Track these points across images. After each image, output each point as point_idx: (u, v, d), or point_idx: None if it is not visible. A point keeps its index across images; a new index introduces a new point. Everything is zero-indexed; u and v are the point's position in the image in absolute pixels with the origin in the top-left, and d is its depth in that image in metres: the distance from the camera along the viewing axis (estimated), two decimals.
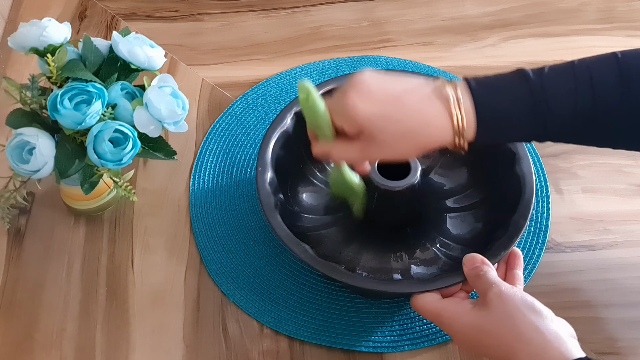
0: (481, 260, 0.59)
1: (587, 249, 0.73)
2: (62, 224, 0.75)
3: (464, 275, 0.60)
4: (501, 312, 0.54)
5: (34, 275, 0.71)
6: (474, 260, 0.59)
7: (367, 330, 0.67)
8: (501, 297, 0.54)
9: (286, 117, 0.72)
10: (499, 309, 0.54)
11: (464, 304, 0.57)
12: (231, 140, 0.82)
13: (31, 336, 0.67)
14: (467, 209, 0.73)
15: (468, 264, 0.59)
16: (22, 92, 0.63)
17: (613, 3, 0.98)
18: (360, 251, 0.71)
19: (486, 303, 0.55)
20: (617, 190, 0.78)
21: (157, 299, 0.70)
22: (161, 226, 0.75)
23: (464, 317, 0.56)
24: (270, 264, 0.72)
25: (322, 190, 0.76)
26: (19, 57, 0.90)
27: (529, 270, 0.71)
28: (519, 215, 0.65)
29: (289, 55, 0.91)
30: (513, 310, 0.53)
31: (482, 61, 0.91)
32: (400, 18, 0.96)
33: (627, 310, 0.69)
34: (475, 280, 0.58)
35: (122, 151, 0.62)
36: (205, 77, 0.89)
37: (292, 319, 0.68)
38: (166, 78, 0.66)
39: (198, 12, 0.97)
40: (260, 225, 0.75)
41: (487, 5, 0.98)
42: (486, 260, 0.59)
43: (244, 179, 0.79)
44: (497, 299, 0.54)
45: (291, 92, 0.86)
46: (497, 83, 0.56)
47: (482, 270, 0.58)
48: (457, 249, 0.71)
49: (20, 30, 0.63)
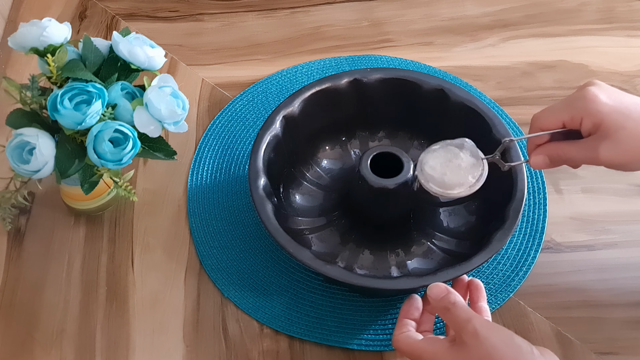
0: (446, 289, 0.56)
1: (586, 249, 0.73)
2: (62, 224, 0.75)
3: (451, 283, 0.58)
4: (479, 353, 0.51)
5: (34, 275, 0.71)
6: (439, 291, 0.56)
7: (363, 327, 0.67)
8: (477, 337, 0.51)
9: (275, 121, 0.71)
10: (476, 351, 0.51)
11: (441, 343, 0.54)
12: (230, 137, 0.82)
13: (31, 336, 0.67)
14: (460, 202, 0.74)
15: (434, 296, 0.56)
16: (22, 92, 0.63)
17: (613, 3, 0.98)
18: (356, 250, 0.71)
19: (463, 343, 0.52)
20: (617, 190, 0.78)
21: (157, 298, 0.70)
22: (161, 226, 0.75)
23: (442, 357, 0.53)
24: (265, 260, 0.72)
25: (314, 192, 0.76)
26: (19, 57, 0.90)
27: (524, 272, 0.71)
28: (513, 206, 0.65)
29: (289, 56, 0.91)
30: (491, 349, 0.51)
31: (482, 61, 0.91)
32: (400, 18, 0.96)
33: (627, 310, 0.69)
34: (446, 313, 0.55)
35: (122, 151, 0.62)
36: (206, 77, 0.89)
37: (286, 315, 0.68)
38: (166, 78, 0.66)
39: (198, 12, 0.97)
40: (255, 222, 0.75)
41: (487, 5, 0.98)
42: (451, 289, 0.56)
43: (242, 175, 0.79)
44: (474, 339, 0.51)
45: (291, 89, 0.86)
46: None
47: (449, 301, 0.55)
48: (452, 242, 0.71)
49: (21, 30, 0.63)
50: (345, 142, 0.79)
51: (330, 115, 0.76)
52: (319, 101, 0.74)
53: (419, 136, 0.78)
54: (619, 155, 0.56)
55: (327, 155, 0.78)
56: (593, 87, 0.57)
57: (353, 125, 0.78)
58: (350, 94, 0.75)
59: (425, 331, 0.59)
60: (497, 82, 0.88)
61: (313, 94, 0.73)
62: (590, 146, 0.57)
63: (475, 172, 0.63)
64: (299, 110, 0.73)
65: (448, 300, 0.55)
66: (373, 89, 0.75)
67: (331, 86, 0.74)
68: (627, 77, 0.89)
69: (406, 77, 0.75)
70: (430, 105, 0.75)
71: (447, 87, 0.74)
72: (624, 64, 0.90)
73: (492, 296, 0.70)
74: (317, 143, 0.78)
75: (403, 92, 0.75)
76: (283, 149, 0.72)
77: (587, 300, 0.70)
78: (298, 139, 0.74)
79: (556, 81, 0.88)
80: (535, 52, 0.92)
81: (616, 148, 0.55)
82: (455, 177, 0.63)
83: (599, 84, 0.58)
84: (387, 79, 0.75)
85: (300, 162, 0.76)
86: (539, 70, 0.90)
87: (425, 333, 0.58)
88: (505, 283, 0.71)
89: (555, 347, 0.66)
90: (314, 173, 0.77)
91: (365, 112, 0.77)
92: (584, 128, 0.57)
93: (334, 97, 0.75)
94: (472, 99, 0.73)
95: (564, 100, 0.59)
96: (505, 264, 0.72)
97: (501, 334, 0.52)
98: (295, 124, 0.73)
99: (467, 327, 0.52)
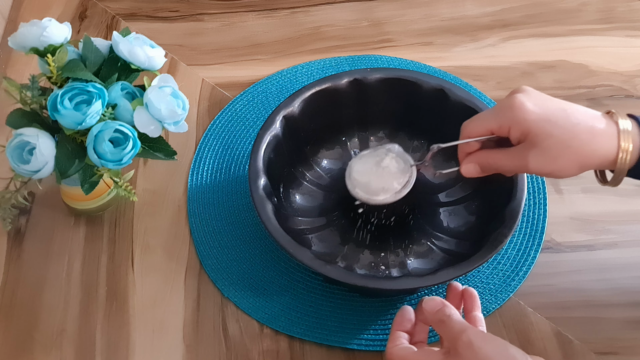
0: (441, 302, 0.56)
1: (586, 249, 0.73)
2: (62, 224, 0.75)
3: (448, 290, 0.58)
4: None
5: (34, 275, 0.71)
6: (434, 305, 0.55)
7: (363, 327, 0.67)
8: (472, 347, 0.51)
9: (275, 121, 0.71)
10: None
11: (436, 355, 0.53)
12: (230, 137, 0.82)
13: (31, 336, 0.67)
14: (459, 202, 0.74)
15: (429, 309, 0.55)
16: (22, 92, 0.63)
17: (613, 3, 0.98)
18: (356, 250, 0.71)
19: (458, 354, 0.52)
20: (617, 190, 0.78)
21: (157, 298, 0.70)
22: (161, 226, 0.75)
23: None
24: (265, 260, 0.72)
25: (314, 192, 0.76)
26: (19, 57, 0.90)
27: (524, 272, 0.71)
28: (513, 206, 0.65)
29: (289, 56, 0.91)
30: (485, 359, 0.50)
31: (482, 61, 0.91)
32: (400, 18, 0.96)
33: (627, 310, 0.69)
34: (440, 325, 0.54)
35: (122, 151, 0.62)
36: (206, 77, 0.89)
37: (286, 315, 0.68)
38: (166, 78, 0.66)
39: (198, 12, 0.97)
40: (255, 222, 0.75)
41: (487, 5, 0.98)
42: (446, 302, 0.56)
43: (242, 175, 0.79)
44: (468, 350, 0.51)
45: (291, 89, 0.86)
46: None
47: (444, 314, 0.54)
48: (452, 242, 0.71)
49: (21, 30, 0.63)
50: (345, 142, 0.79)
51: (330, 115, 0.76)
52: (319, 101, 0.74)
53: (419, 136, 0.78)
54: (548, 164, 0.56)
55: (327, 155, 0.78)
56: (520, 95, 0.57)
57: (353, 125, 0.78)
58: (350, 94, 0.75)
59: (419, 342, 0.58)
60: (497, 82, 0.88)
61: (313, 94, 0.73)
62: (520, 155, 0.57)
63: (401, 178, 0.62)
64: (299, 110, 0.73)
65: (443, 313, 0.54)
66: (373, 89, 0.75)
67: (331, 86, 0.74)
68: (627, 77, 0.89)
69: (406, 77, 0.75)
70: (430, 105, 0.75)
71: (447, 87, 0.74)
72: (624, 64, 0.90)
73: (492, 296, 0.70)
74: (317, 143, 0.78)
75: (403, 92, 0.75)
76: (283, 149, 0.72)
77: (587, 300, 0.70)
78: (298, 139, 0.74)
79: (556, 81, 0.88)
80: (535, 52, 0.92)
81: (545, 156, 0.55)
82: (380, 183, 0.62)
83: (526, 90, 0.57)
84: (387, 78, 0.75)
85: (300, 162, 0.76)
86: (539, 70, 0.90)
87: (420, 344, 0.58)
88: (505, 283, 0.71)
89: (555, 347, 0.66)
90: (314, 173, 0.77)
91: (365, 112, 0.77)
92: (513, 136, 0.57)
93: (334, 97, 0.75)
94: (472, 99, 0.73)
95: (493, 108, 0.59)
96: (505, 264, 0.72)
97: (495, 344, 0.51)
98: (295, 124, 0.73)
99: (461, 337, 0.52)
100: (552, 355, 0.66)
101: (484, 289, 0.70)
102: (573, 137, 0.55)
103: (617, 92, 0.87)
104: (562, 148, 0.55)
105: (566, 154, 0.55)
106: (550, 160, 0.56)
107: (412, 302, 0.69)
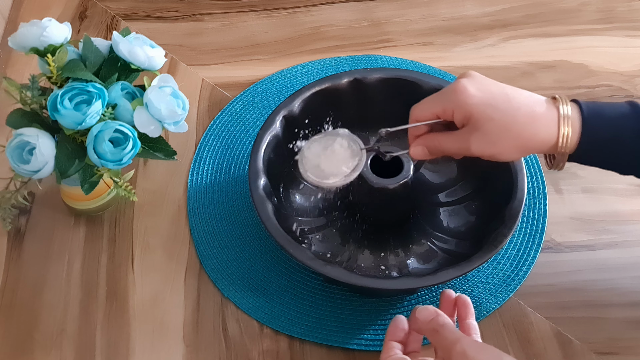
0: (434, 311, 0.55)
1: (586, 248, 0.73)
2: (62, 224, 0.75)
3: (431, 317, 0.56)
4: None
5: (34, 275, 0.71)
6: (428, 314, 0.54)
7: (363, 327, 0.67)
8: (466, 357, 0.50)
9: (275, 121, 0.71)
10: None
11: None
12: (230, 137, 0.82)
13: (31, 336, 0.67)
14: (460, 202, 0.74)
15: (422, 319, 0.54)
16: (22, 92, 0.63)
17: (613, 3, 0.98)
18: (357, 250, 0.71)
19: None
20: (617, 190, 0.78)
21: (157, 298, 0.70)
22: (161, 226, 0.75)
23: None
24: (265, 260, 0.72)
25: (315, 192, 0.76)
26: (19, 57, 0.90)
27: (524, 272, 0.71)
28: (513, 206, 0.65)
29: (289, 55, 0.91)
30: None
31: (482, 61, 0.91)
32: (400, 18, 0.96)
33: (627, 310, 0.69)
34: (434, 335, 0.53)
35: (122, 151, 0.62)
36: (206, 77, 0.89)
37: (286, 315, 0.68)
38: (166, 78, 0.66)
39: (198, 12, 0.97)
40: (255, 222, 0.75)
41: (487, 5, 0.98)
42: (439, 311, 0.55)
43: (242, 175, 0.79)
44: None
45: (291, 89, 0.86)
46: (606, 106, 0.57)
47: (438, 324, 0.54)
48: (452, 242, 0.71)
49: (21, 30, 0.63)
50: None
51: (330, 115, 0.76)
52: (319, 101, 0.74)
53: None
54: (489, 147, 0.57)
55: None
56: (464, 79, 0.58)
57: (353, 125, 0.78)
58: (350, 94, 0.75)
59: (413, 351, 0.58)
60: None
61: (313, 94, 0.73)
62: (463, 138, 0.58)
63: (350, 162, 0.63)
64: (299, 110, 0.73)
65: (437, 322, 0.54)
66: (373, 89, 0.75)
67: (331, 86, 0.74)
68: (627, 77, 0.89)
69: (406, 77, 0.75)
70: None
71: None
72: (623, 64, 0.90)
73: (492, 296, 0.70)
74: None
75: (403, 92, 0.75)
76: (283, 149, 0.72)
77: (587, 300, 0.70)
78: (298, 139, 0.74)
79: (556, 81, 0.88)
80: (535, 52, 0.92)
81: (486, 139, 0.57)
82: (329, 167, 0.62)
83: (472, 75, 0.59)
84: (387, 78, 0.75)
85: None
86: (539, 70, 0.90)
87: (413, 354, 0.57)
88: (505, 283, 0.71)
89: (555, 347, 0.66)
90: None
91: (365, 112, 0.77)
92: (456, 120, 0.58)
93: (334, 97, 0.75)
94: None
95: (439, 93, 0.60)
96: (505, 264, 0.72)
97: (489, 353, 0.51)
98: (295, 124, 0.73)
99: (456, 347, 0.51)
100: (552, 355, 0.66)
101: (484, 289, 0.70)
102: (513, 121, 0.56)
103: (617, 92, 0.87)
104: (502, 132, 0.56)
105: (506, 138, 0.56)
106: (491, 143, 0.57)
107: (412, 302, 0.69)
